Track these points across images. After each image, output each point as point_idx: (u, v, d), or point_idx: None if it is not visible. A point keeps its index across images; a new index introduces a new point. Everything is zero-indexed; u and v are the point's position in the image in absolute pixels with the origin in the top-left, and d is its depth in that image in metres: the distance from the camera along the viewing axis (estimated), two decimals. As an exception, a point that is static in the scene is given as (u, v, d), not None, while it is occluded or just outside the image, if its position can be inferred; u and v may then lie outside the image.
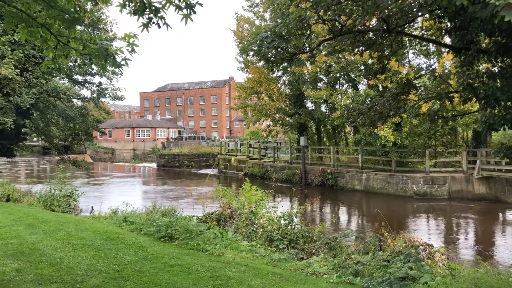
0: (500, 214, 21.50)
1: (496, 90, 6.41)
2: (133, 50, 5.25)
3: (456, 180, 25.00)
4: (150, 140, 78.63)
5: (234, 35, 36.41)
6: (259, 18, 35.78)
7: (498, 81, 6.79)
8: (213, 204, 13.93)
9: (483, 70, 7.58)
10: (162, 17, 4.77)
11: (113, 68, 5.43)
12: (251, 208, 11.98)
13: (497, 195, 23.86)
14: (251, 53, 8.39)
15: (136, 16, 4.70)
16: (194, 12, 4.60)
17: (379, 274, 7.12)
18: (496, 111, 6.82)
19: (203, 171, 47.35)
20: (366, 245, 9.67)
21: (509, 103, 6.42)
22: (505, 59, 6.86)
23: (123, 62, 5.36)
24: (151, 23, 4.78)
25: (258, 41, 7.65)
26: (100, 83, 27.40)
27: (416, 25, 11.46)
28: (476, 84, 7.04)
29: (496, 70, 7.28)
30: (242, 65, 37.96)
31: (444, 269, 7.73)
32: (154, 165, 57.62)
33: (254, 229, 10.95)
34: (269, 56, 7.99)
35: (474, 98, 7.18)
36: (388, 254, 8.31)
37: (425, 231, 18.08)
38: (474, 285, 5.85)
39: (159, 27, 4.84)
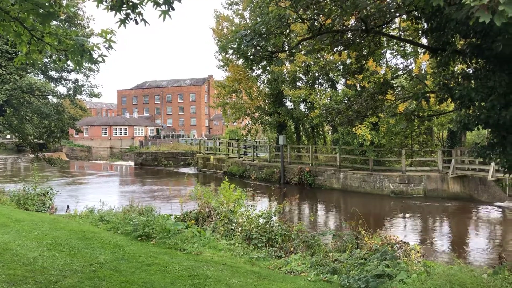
0: (474, 213, 21.99)
1: (470, 90, 6.54)
2: (110, 47, 5.16)
3: (432, 179, 25.46)
4: (128, 138, 77.63)
5: (214, 33, 36.28)
6: (239, 16, 35.72)
7: (473, 81, 6.94)
8: (192, 203, 13.85)
9: (458, 71, 7.73)
10: (139, 13, 4.70)
11: (89, 64, 5.33)
12: (230, 207, 11.95)
13: (471, 193, 24.42)
14: (231, 51, 8.37)
15: (113, 12, 4.62)
16: (173, 9, 4.54)
17: (356, 271, 7.19)
18: (470, 111, 6.96)
19: (182, 169, 47.04)
20: (343, 243, 9.76)
21: (483, 103, 6.56)
22: (479, 60, 7.01)
23: (99, 59, 5.27)
24: (128, 19, 4.70)
25: (238, 39, 7.64)
26: (77, 80, 26.92)
27: (393, 26, 11.64)
28: (451, 85, 7.18)
29: (471, 71, 7.43)
30: (222, 63, 37.87)
31: (419, 266, 7.86)
32: (132, 163, 56.93)
33: (233, 227, 10.92)
34: (248, 54, 7.98)
35: (449, 98, 7.32)
36: (365, 252, 8.42)
37: (401, 229, 18.38)
38: (449, 281, 5.96)
39: (137, 23, 4.76)
